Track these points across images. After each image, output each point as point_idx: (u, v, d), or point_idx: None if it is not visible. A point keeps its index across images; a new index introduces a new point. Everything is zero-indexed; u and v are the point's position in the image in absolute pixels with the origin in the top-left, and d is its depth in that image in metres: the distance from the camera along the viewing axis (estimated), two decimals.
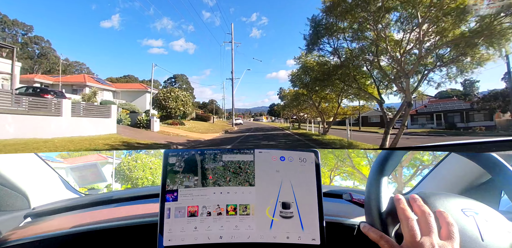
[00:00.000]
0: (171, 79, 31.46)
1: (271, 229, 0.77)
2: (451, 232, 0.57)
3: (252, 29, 34.22)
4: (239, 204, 0.79)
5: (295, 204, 0.80)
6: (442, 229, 0.58)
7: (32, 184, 1.25)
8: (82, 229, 0.93)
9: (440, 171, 1.27)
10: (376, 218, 0.66)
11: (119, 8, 30.60)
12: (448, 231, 0.57)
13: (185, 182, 0.80)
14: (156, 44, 43.46)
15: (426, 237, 0.56)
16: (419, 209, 0.62)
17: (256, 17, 33.92)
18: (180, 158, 0.83)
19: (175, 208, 0.78)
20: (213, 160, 0.83)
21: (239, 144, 10.10)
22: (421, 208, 0.62)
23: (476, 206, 0.69)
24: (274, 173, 0.82)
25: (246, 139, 11.73)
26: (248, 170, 0.82)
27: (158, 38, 36.87)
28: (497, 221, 0.66)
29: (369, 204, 0.69)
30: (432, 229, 0.57)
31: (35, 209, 1.19)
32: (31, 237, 0.92)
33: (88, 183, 1.49)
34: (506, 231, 0.64)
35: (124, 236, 0.93)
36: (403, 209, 0.62)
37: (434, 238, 0.56)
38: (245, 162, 0.83)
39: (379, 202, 0.67)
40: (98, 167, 1.50)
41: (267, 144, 10.55)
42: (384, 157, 0.73)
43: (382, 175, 0.70)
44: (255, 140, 11.71)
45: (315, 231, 0.77)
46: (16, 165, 1.22)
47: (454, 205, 0.67)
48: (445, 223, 0.59)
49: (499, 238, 0.62)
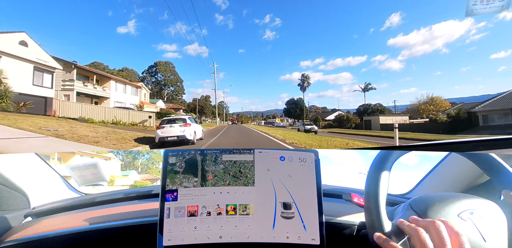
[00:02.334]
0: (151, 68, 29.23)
1: (271, 229, 0.77)
2: (462, 242, 0.55)
3: (265, 31, 34.16)
4: (239, 204, 0.79)
5: (295, 204, 0.80)
6: (452, 240, 0.56)
7: (32, 184, 1.25)
8: (82, 228, 0.93)
9: (440, 171, 1.27)
10: (376, 218, 0.66)
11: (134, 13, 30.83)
12: (459, 242, 0.55)
13: (185, 183, 0.80)
14: (170, 48, 43.76)
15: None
16: (426, 222, 0.60)
17: (269, 19, 33.88)
18: (181, 159, 0.83)
19: (175, 207, 0.78)
20: (214, 162, 0.83)
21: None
22: (427, 221, 0.60)
23: (470, 203, 0.70)
24: (274, 173, 0.82)
25: None
26: (248, 175, 0.82)
27: (172, 43, 37.17)
28: (491, 213, 0.67)
29: (368, 204, 0.69)
30: (445, 241, 0.55)
31: (35, 209, 1.19)
32: (31, 237, 0.92)
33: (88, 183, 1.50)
34: (501, 220, 0.65)
35: (124, 235, 0.93)
36: (409, 225, 0.61)
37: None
38: (245, 166, 0.83)
39: (378, 202, 0.67)
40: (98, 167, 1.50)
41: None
42: (383, 156, 0.73)
43: (381, 175, 0.70)
44: None
45: (315, 231, 0.77)
46: (16, 165, 1.22)
47: (450, 213, 0.67)
48: (453, 233, 0.57)
49: (497, 233, 0.63)
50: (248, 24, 33.07)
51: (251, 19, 30.00)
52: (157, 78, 28.84)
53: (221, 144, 8.99)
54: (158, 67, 27.85)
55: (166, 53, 29.79)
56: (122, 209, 1.10)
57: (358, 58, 42.73)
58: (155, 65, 28.16)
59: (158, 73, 28.19)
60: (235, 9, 30.38)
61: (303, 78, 36.01)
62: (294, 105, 38.81)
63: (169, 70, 28.76)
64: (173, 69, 28.82)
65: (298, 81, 33.54)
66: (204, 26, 28.61)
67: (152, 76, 27.44)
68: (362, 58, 39.95)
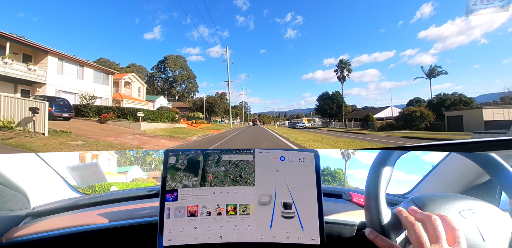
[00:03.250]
0: (161, 64, 24.83)
1: (271, 229, 0.77)
2: (458, 237, 0.56)
3: (286, 30, 33.78)
4: (239, 204, 0.79)
5: (294, 204, 0.80)
6: (448, 235, 0.57)
7: (32, 184, 1.25)
8: (82, 229, 0.93)
9: (440, 171, 1.27)
10: (376, 218, 0.66)
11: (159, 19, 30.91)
12: (455, 237, 0.56)
13: (184, 181, 0.80)
14: (194, 51, 43.86)
15: (435, 245, 0.55)
16: (423, 216, 0.61)
17: (290, 17, 33.58)
18: (181, 158, 0.83)
19: (175, 208, 0.78)
20: (215, 163, 0.83)
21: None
22: (425, 214, 0.61)
23: (472, 204, 0.69)
24: (274, 173, 0.82)
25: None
26: (248, 180, 0.82)
27: (195, 46, 37.23)
28: (494, 217, 0.67)
29: (368, 204, 0.69)
30: (440, 235, 0.56)
31: (35, 209, 1.19)
32: (31, 237, 0.92)
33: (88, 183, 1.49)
34: (504, 225, 0.65)
35: (124, 236, 0.93)
36: (406, 217, 0.61)
37: (444, 245, 0.54)
38: (246, 171, 0.82)
39: (378, 201, 0.67)
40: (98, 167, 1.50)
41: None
42: (383, 156, 0.73)
43: (381, 175, 0.70)
44: None
45: (315, 231, 0.77)
46: (16, 165, 1.22)
47: (451, 209, 0.67)
48: (450, 228, 0.57)
49: (498, 235, 0.63)
50: (269, 24, 32.99)
51: (272, 18, 29.83)
52: (167, 74, 25.36)
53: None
54: (167, 62, 24.97)
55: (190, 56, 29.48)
56: (122, 209, 1.10)
57: (386, 53, 41.49)
58: (165, 60, 25.28)
59: (167, 68, 25.05)
60: (255, 9, 30.30)
61: (342, 65, 28.34)
62: (330, 101, 29.80)
63: (179, 65, 25.59)
64: (185, 63, 25.45)
65: (322, 80, 30.46)
66: (225, 28, 28.43)
67: (161, 72, 24.17)
68: (390, 53, 38.69)
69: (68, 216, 1.11)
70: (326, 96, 30.82)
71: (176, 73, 23.21)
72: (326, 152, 2.16)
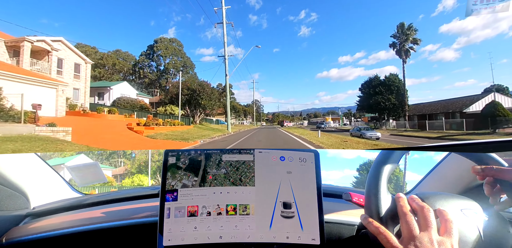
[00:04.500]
0: (150, 50, 17.03)
1: (271, 229, 0.77)
2: (450, 229, 0.57)
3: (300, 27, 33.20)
4: (239, 204, 0.79)
5: (295, 204, 0.80)
6: (441, 226, 0.59)
7: (32, 184, 1.25)
8: (82, 228, 0.93)
9: (440, 171, 1.27)
10: (376, 218, 0.66)
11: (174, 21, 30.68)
12: (447, 228, 0.58)
13: (184, 180, 0.80)
14: (207, 52, 43.73)
15: (424, 233, 0.57)
16: (417, 206, 0.62)
17: (304, 14, 33.15)
18: (181, 158, 0.83)
19: (175, 207, 0.78)
20: (216, 165, 0.83)
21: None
22: (420, 205, 0.62)
23: (475, 206, 0.69)
24: (274, 173, 0.82)
25: None
26: (248, 184, 0.82)
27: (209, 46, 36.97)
28: (496, 221, 0.66)
29: (368, 204, 0.69)
30: (430, 224, 0.58)
31: (35, 209, 1.19)
32: (31, 237, 0.92)
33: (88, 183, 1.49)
34: (505, 230, 0.65)
35: (124, 235, 0.93)
36: (402, 206, 0.63)
37: (433, 234, 0.56)
38: (247, 175, 0.82)
39: (378, 202, 0.67)
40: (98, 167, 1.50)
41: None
42: (384, 156, 0.73)
43: (381, 175, 0.70)
44: None
45: (315, 231, 0.77)
46: (16, 165, 1.22)
47: (453, 205, 0.67)
48: (444, 220, 0.59)
49: (499, 237, 0.63)
50: (282, 22, 32.64)
51: (285, 16, 29.34)
52: (157, 61, 17.77)
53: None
54: (156, 46, 17.07)
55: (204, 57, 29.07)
56: (122, 209, 1.10)
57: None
58: (155, 44, 17.40)
59: (157, 54, 16.71)
60: (268, 8, 29.90)
61: (403, 34, 18.36)
62: (384, 87, 18.08)
63: (172, 50, 17.65)
64: (180, 49, 17.65)
65: (337, 78, 21.46)
66: (238, 27, 27.79)
67: (149, 59, 17.15)
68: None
69: (68, 216, 1.11)
70: (376, 82, 19.63)
71: (167, 61, 17.12)
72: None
